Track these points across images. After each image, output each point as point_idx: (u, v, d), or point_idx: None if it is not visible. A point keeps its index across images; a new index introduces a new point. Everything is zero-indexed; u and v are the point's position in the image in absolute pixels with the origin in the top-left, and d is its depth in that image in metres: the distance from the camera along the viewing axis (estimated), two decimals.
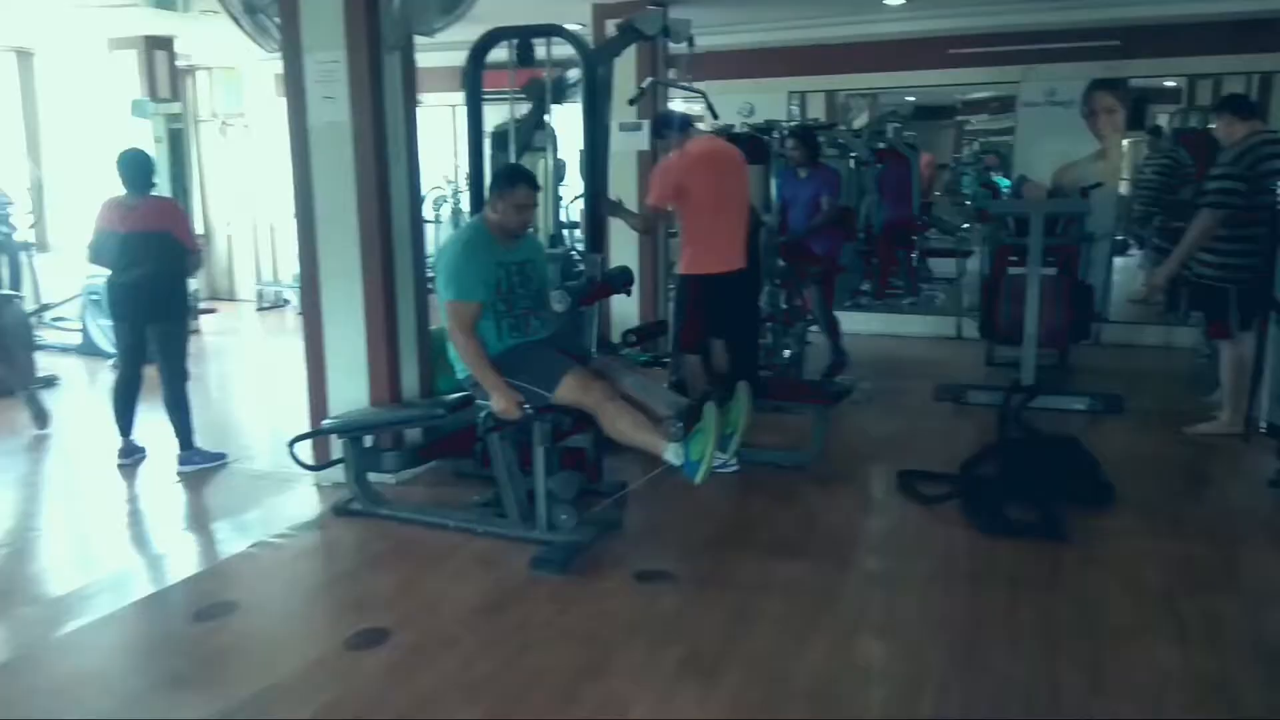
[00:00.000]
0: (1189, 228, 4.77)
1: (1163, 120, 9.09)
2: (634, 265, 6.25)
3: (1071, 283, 6.26)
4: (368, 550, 3.77)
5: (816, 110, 9.31)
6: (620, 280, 4.35)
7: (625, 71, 6.12)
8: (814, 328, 6.47)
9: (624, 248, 6.03)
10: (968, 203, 10.36)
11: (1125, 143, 7.74)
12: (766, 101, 8.37)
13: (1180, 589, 3.32)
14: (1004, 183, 9.25)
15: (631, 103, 5.87)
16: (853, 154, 8.76)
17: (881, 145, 9.54)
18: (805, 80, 8.68)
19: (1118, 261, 8.18)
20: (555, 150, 4.56)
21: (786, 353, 5.76)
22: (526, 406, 3.48)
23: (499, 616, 3.17)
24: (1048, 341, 5.98)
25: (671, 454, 3.32)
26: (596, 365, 3.67)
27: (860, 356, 7.04)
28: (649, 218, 4.63)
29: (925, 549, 3.73)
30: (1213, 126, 5.25)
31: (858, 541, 3.90)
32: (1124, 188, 8.00)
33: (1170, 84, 8.83)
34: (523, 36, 4.11)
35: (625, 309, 6.46)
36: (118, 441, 4.89)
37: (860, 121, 10.25)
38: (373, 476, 4.18)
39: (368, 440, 4.16)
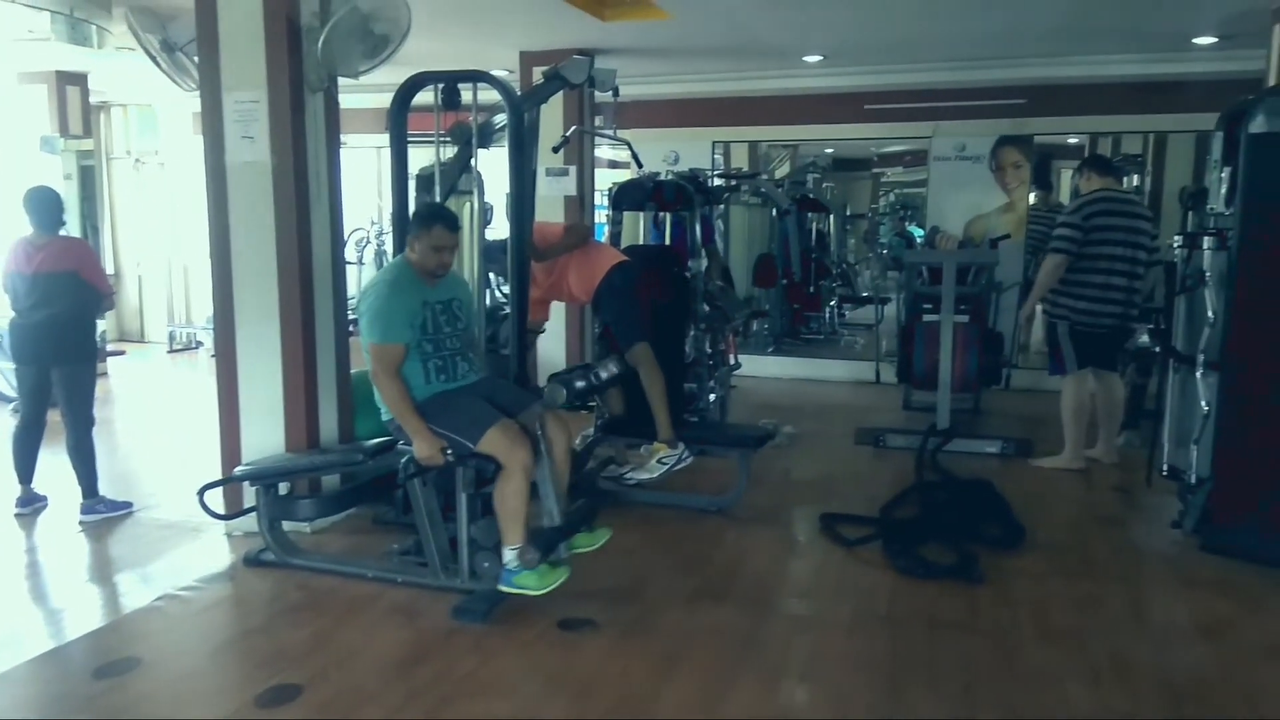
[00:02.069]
0: (1040, 270, 5.32)
1: (1065, 176, 9.52)
2: (559, 313, 6.29)
3: (982, 330, 6.48)
4: (281, 602, 3.65)
5: (740, 159, 9.54)
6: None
7: (552, 118, 6.19)
8: (738, 371, 6.55)
9: None
10: (884, 251, 10.67)
11: (1031, 196, 8.10)
12: (691, 150, 8.55)
13: (1090, 629, 3.42)
14: (918, 233, 9.56)
15: (556, 150, 5.93)
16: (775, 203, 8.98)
17: (811, 195, 9.81)
18: (728, 130, 8.91)
19: None
20: (481, 194, 4.57)
21: (712, 396, 5.82)
22: (449, 452, 3.43)
23: (418, 669, 3.09)
24: (961, 386, 6.17)
25: (510, 557, 3.41)
26: (527, 418, 3.61)
27: (782, 401, 7.17)
28: (577, 230, 5.09)
29: (847, 591, 3.78)
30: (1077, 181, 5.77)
31: (781, 585, 3.93)
32: None
33: (1073, 141, 9.28)
34: (449, 81, 4.12)
35: (553, 354, 6.45)
36: (16, 489, 4.69)
37: (781, 171, 10.51)
38: (287, 525, 4.06)
39: (282, 487, 4.05)
